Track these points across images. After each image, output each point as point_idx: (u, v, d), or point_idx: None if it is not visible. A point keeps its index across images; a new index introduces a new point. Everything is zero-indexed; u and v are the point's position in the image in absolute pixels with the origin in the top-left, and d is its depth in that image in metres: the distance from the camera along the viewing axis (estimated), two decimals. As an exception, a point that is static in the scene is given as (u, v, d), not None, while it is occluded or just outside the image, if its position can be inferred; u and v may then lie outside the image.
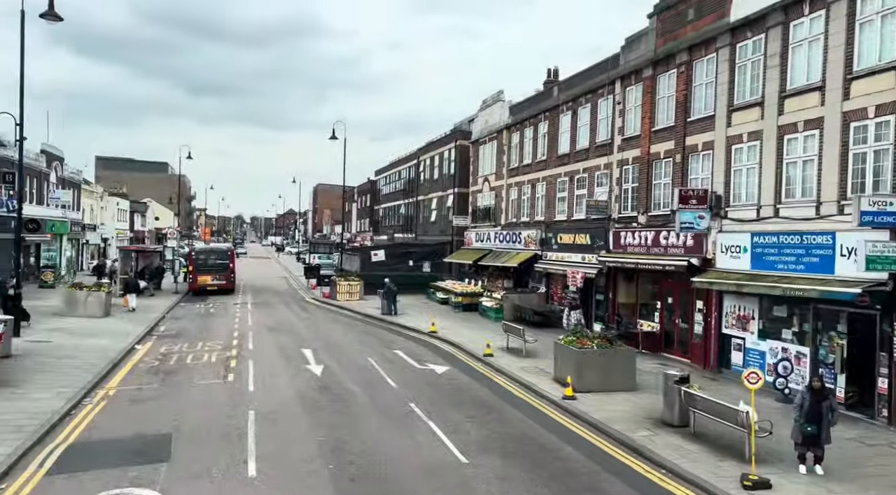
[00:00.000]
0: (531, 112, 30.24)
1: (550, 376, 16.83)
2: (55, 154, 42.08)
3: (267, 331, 24.20)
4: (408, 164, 53.70)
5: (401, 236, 53.87)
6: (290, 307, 33.00)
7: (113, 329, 22.62)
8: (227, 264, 37.90)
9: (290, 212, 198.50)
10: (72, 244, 47.30)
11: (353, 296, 35.41)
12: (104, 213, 59.08)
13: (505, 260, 30.04)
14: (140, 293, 34.00)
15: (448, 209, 42.11)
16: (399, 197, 55.95)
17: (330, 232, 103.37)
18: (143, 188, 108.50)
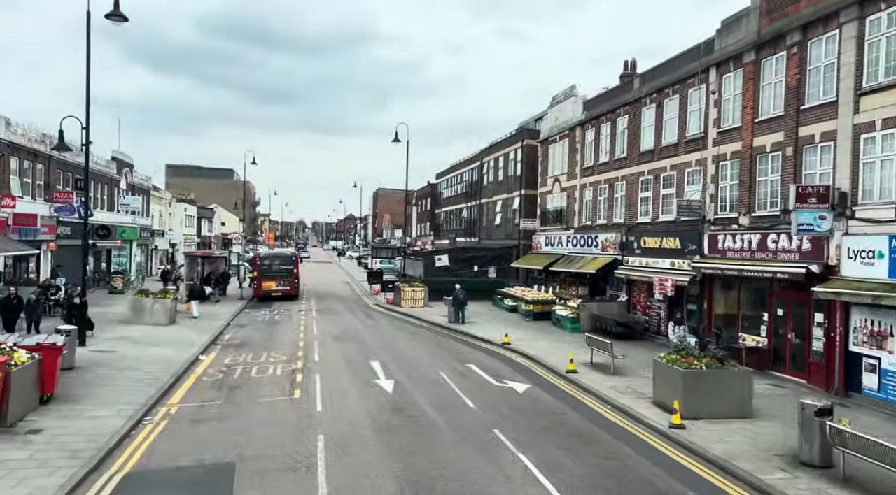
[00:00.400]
0: (608, 107, 28.21)
1: (648, 398, 14.93)
2: (125, 161, 42.79)
3: (332, 341, 23.15)
4: (470, 167, 52.26)
5: (463, 240, 52.48)
6: (355, 314, 32.03)
7: (177, 338, 22.05)
8: (292, 270, 37.39)
9: (350, 216, 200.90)
10: (141, 250, 48.16)
11: (417, 302, 34.18)
12: (172, 219, 60.27)
13: (580, 265, 28.09)
14: (206, 299, 33.84)
15: (514, 212, 40.39)
16: (461, 200, 54.58)
17: (390, 236, 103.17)
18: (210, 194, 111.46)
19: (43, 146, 28.91)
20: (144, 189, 48.22)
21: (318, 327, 26.64)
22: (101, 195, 37.97)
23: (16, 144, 25.99)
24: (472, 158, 51.84)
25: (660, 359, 14.54)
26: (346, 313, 32.28)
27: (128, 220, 42.92)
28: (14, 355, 11.92)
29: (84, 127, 18.98)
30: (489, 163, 46.41)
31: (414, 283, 35.03)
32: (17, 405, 11.59)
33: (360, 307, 35.56)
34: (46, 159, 29.31)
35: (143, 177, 48.35)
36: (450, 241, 56.76)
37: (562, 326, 26.39)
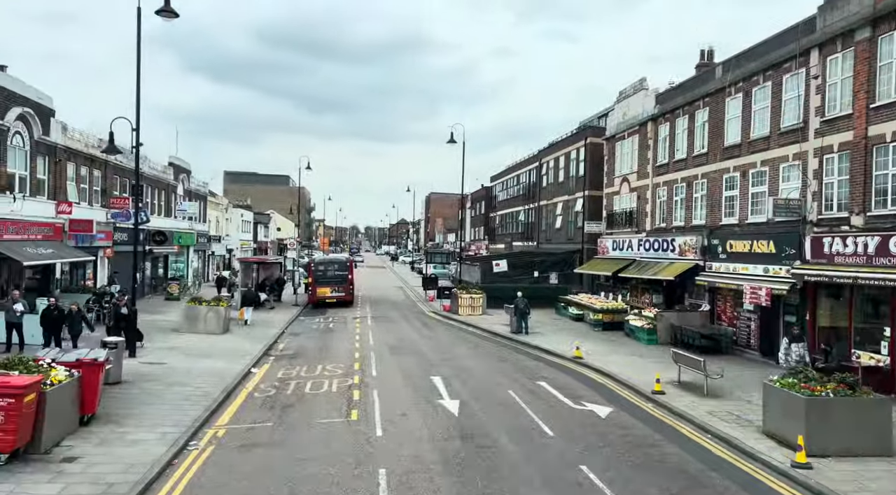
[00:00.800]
0: (684, 99, 25.94)
1: (755, 427, 12.85)
2: (182, 166, 42.86)
3: (389, 352, 21.77)
4: (527, 168, 50.37)
5: (520, 244, 50.60)
6: (411, 322, 30.64)
7: (230, 347, 21.10)
8: (346, 275, 36.40)
9: (402, 221, 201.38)
10: (198, 255, 48.29)
11: (475, 310, 32.55)
12: (229, 225, 60.62)
13: (655, 271, 25.87)
14: (260, 306, 33.16)
15: (576, 214, 38.30)
16: (517, 203, 52.72)
17: (442, 240, 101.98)
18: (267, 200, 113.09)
19: (100, 151, 28.74)
20: (201, 195, 48.37)
21: (374, 336, 25.35)
22: (159, 201, 37.96)
23: (72, 150, 25.78)
24: (530, 159, 49.96)
25: (772, 382, 12.44)
26: (402, 321, 30.95)
27: (185, 226, 42.95)
28: (51, 373, 10.91)
29: (134, 128, 18.22)
30: (548, 164, 44.43)
31: (472, 290, 33.43)
32: (54, 429, 10.55)
33: (416, 314, 34.19)
34: (103, 165, 29.15)
35: (200, 183, 48.52)
36: (506, 246, 54.95)
37: (636, 338, 24.25)
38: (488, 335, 26.57)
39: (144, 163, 35.07)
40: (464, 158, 38.76)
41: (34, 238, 22.12)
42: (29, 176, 22.42)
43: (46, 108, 23.27)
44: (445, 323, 30.80)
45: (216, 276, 36.15)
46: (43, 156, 23.51)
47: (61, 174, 24.84)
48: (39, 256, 20.99)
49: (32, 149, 22.56)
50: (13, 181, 21.38)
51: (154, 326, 24.61)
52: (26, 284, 23.16)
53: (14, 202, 20.36)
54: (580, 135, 38.80)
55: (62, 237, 24.48)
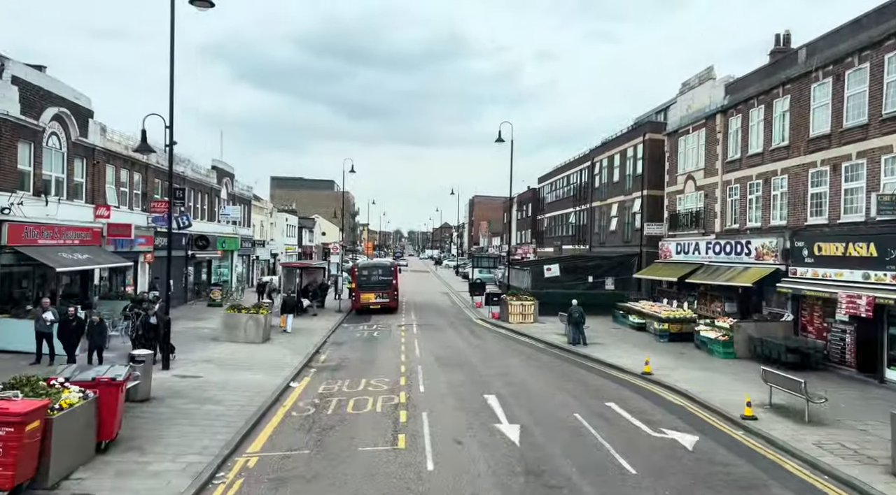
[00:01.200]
0: (760, 88, 23.56)
1: (882, 467, 10.69)
2: (226, 170, 42.35)
3: (437, 365, 20.14)
4: (578, 168, 48.17)
5: (570, 248, 48.43)
6: (458, 330, 28.97)
7: (269, 358, 19.84)
8: (391, 281, 35.02)
9: (446, 225, 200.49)
10: (242, 260, 47.81)
11: (526, 317, 30.67)
12: (273, 229, 60.28)
13: (728, 277, 23.52)
14: (303, 312, 32.05)
15: (633, 216, 36.00)
16: (567, 204, 50.53)
17: (487, 244, 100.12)
18: (312, 205, 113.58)
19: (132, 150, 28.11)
20: (245, 199, 47.91)
21: (420, 346, 23.77)
22: (201, 205, 37.40)
23: (111, 152, 25.11)
24: (580, 159, 47.75)
25: (905, 414, 10.26)
26: (449, 329, 29.30)
27: (228, 230, 42.42)
28: (62, 395, 9.66)
29: (167, 126, 17.12)
30: (601, 163, 42.17)
31: (522, 296, 31.56)
32: (63, 459, 9.28)
33: (463, 322, 32.52)
34: (144, 168, 28.51)
35: (244, 187, 48.07)
36: (555, 249, 52.82)
37: (709, 351, 21.97)
38: (543, 346, 24.68)
39: (186, 167, 34.50)
40: (512, 159, 36.98)
41: (70, 243, 21.39)
42: (66, 179, 21.72)
43: (84, 109, 22.58)
44: (495, 331, 29.03)
45: (257, 282, 35.14)
46: (81, 159, 22.84)
47: (100, 177, 24.16)
48: (74, 262, 20.19)
49: (69, 150, 21.87)
50: (49, 184, 20.67)
51: (194, 335, 23.65)
52: (63, 291, 22.49)
53: (47, 205, 19.56)
54: (637, 132, 36.50)
55: (100, 242, 23.78)
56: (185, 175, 34.02)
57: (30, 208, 19.14)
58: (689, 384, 17.13)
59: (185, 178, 34.02)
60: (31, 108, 19.35)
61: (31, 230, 19.11)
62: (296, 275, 33.56)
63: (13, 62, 18.71)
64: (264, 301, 28.58)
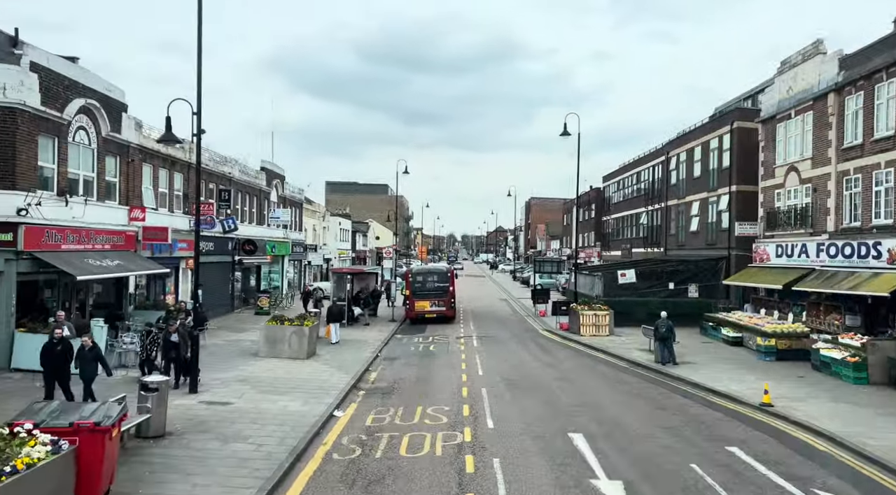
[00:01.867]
0: (886, 59, 19.62)
1: None
2: (275, 171, 40.63)
3: (506, 388, 17.19)
4: (649, 164, 44.29)
5: (641, 251, 44.57)
6: (525, 344, 25.91)
7: (312, 379, 17.35)
8: (447, 287, 32.27)
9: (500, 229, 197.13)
10: (294, 265, 46.09)
11: (600, 329, 27.34)
12: (326, 233, 58.67)
13: (853, 284, 19.63)
14: (354, 321, 29.71)
15: (719, 214, 32.09)
16: (637, 204, 46.64)
17: (545, 248, 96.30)
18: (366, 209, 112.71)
19: (182, 152, 26.35)
20: (296, 202, 46.21)
21: (484, 364, 20.86)
22: (250, 208, 35.66)
23: (149, 150, 23.33)
24: (653, 154, 43.85)
25: None
26: (513, 342, 26.28)
27: (278, 235, 40.66)
28: (21, 450, 7.23)
29: (195, 112, 14.87)
30: (678, 158, 38.26)
31: (595, 306, 28.20)
32: (16, 540, 6.82)
33: (528, 333, 29.44)
34: (186, 167, 26.73)
35: (296, 190, 46.38)
36: (623, 253, 48.97)
37: (834, 374, 18.17)
38: (625, 364, 21.35)
39: (234, 167, 32.76)
40: (579, 154, 33.54)
41: (100, 248, 19.54)
42: (96, 178, 19.90)
43: (116, 102, 20.78)
44: (565, 346, 25.83)
45: (303, 290, 32.84)
46: (113, 156, 21.05)
47: (135, 176, 22.37)
48: (101, 269, 18.27)
49: (100, 147, 20.06)
50: (76, 184, 18.85)
51: (234, 349, 21.52)
52: (95, 300, 20.71)
53: (67, 206, 17.67)
54: (724, 120, 32.54)
55: (135, 247, 21.96)
56: (233, 176, 32.27)
57: (52, 209, 17.28)
58: (829, 421, 13.60)
59: (232, 180, 32.27)
60: (55, 99, 17.53)
61: (53, 234, 17.25)
62: (346, 281, 31.24)
63: (33, 48, 16.93)
64: (311, 310, 26.27)
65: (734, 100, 40.39)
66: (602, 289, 32.11)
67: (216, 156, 30.81)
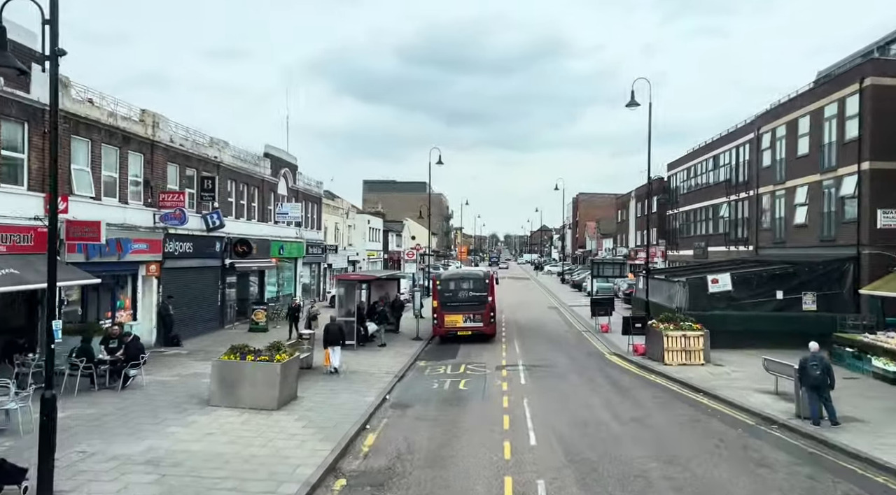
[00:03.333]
0: None
1: None
2: (284, 160, 34.75)
3: (576, 483, 10.47)
4: (731, 145, 36.69)
5: (720, 250, 37.06)
6: (592, 380, 18.99)
7: (266, 458, 11.00)
8: (485, 297, 25.65)
9: (544, 228, 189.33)
10: (310, 269, 40.23)
11: (692, 356, 20.34)
12: (352, 233, 52.83)
13: None
14: (367, 341, 23.47)
15: (841, 201, 24.53)
16: (715, 193, 39.06)
17: (596, 247, 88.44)
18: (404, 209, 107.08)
19: (142, 127, 20.52)
20: (313, 196, 40.34)
21: (536, 420, 14.14)
22: (248, 201, 29.85)
23: (84, 119, 17.49)
24: (735, 133, 36.24)
25: None
26: (575, 376, 19.48)
27: (289, 234, 34.84)
28: None
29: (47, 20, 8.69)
30: (774, 134, 30.67)
31: (684, 323, 21.13)
32: None
33: (592, 359, 22.56)
34: (146, 146, 20.89)
35: (313, 183, 40.52)
36: (696, 251, 41.40)
37: None
38: (750, 420, 14.26)
39: (222, 150, 26.91)
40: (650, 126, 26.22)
41: (-16, 250, 13.72)
42: (-17, 152, 14.10)
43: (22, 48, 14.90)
44: (647, 380, 18.92)
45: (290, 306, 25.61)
46: (18, 123, 15.24)
47: (63, 153, 16.51)
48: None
49: (-12, 108, 14.26)
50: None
51: (183, 390, 15.45)
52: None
53: None
54: (847, 78, 24.84)
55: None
56: (221, 161, 26.44)
57: None
58: None
59: (221, 166, 26.44)
60: None
61: None
62: (357, 291, 24.83)
63: None
64: (304, 333, 20.02)
65: (846, 59, 32.41)
66: (686, 299, 24.94)
67: (198, 135, 25.00)
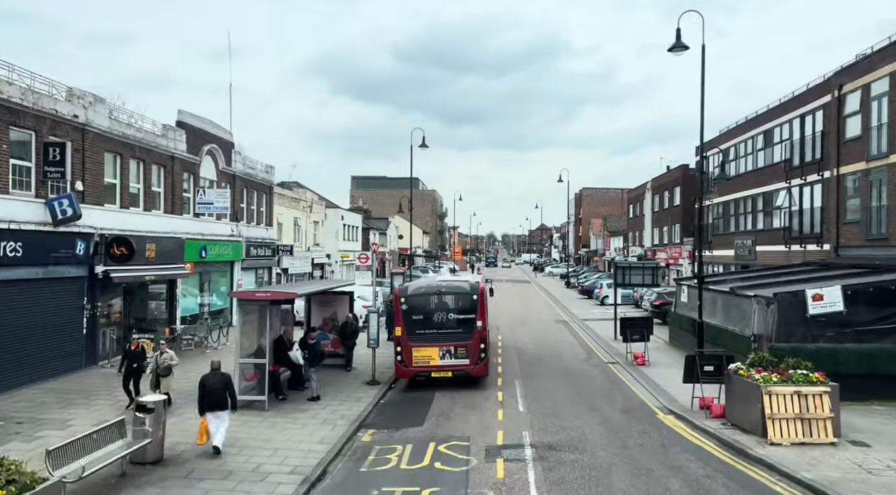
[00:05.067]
0: None
1: None
2: (210, 133, 26.40)
3: None
4: (791, 115, 28.53)
5: (778, 250, 28.99)
6: (656, 481, 10.70)
7: None
8: (472, 321, 17.24)
9: (543, 227, 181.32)
10: (256, 276, 31.91)
11: (815, 428, 12.22)
12: (321, 230, 44.49)
13: None
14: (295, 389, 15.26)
15: None
16: (767, 178, 30.94)
17: (603, 246, 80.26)
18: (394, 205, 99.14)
19: None
20: (259, 184, 32.04)
21: None
22: (145, 183, 21.56)
23: None
24: (797, 99, 28.02)
25: None
26: (622, 473, 11.18)
27: (222, 231, 26.58)
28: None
29: None
30: (864, 93, 22.42)
31: (797, 374, 12.82)
32: None
33: (641, 426, 14.19)
34: None
35: (259, 166, 32.16)
36: (740, 252, 33.24)
37: None
38: None
39: (92, 109, 18.50)
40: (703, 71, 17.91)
41: None
42: None
43: None
44: (748, 480, 10.66)
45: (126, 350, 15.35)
46: None
47: None
48: None
49: None
50: None
51: None
52: None
53: None
54: None
55: None
56: (88, 123, 18.08)
57: None
58: None
59: (87, 130, 18.09)
60: None
61: None
62: (270, 316, 16.03)
63: None
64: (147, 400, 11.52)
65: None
66: (772, 323, 16.69)
67: (47, 83, 16.66)
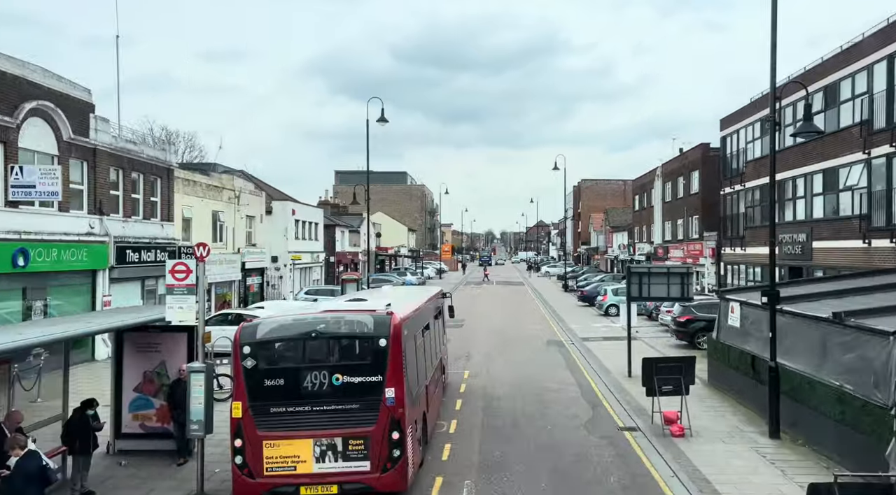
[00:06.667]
0: None
1: None
2: (39, 83, 18.26)
3: None
4: (866, 61, 20.60)
5: (845, 247, 21.17)
6: None
7: None
8: (376, 388, 9.13)
9: (541, 223, 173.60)
10: (141, 289, 23.83)
11: None
12: (258, 227, 36.39)
13: None
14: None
15: None
16: (830, 150, 23.02)
17: (605, 243, 72.36)
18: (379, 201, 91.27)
19: None
20: (149, 165, 24.00)
21: None
22: None
23: None
24: (873, 40, 20.07)
25: None
26: None
27: (71, 228, 18.64)
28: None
29: None
30: None
31: None
32: None
33: None
34: None
35: (151, 142, 24.12)
36: (789, 249, 25.30)
37: None
38: None
39: None
40: None
41: None
42: None
43: None
44: None
45: None
46: None
47: None
48: None
49: None
50: None
51: None
52: None
53: None
54: None
55: None
56: None
57: None
58: None
59: None
60: None
61: None
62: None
63: None
64: None
65: None
66: None
67: None
